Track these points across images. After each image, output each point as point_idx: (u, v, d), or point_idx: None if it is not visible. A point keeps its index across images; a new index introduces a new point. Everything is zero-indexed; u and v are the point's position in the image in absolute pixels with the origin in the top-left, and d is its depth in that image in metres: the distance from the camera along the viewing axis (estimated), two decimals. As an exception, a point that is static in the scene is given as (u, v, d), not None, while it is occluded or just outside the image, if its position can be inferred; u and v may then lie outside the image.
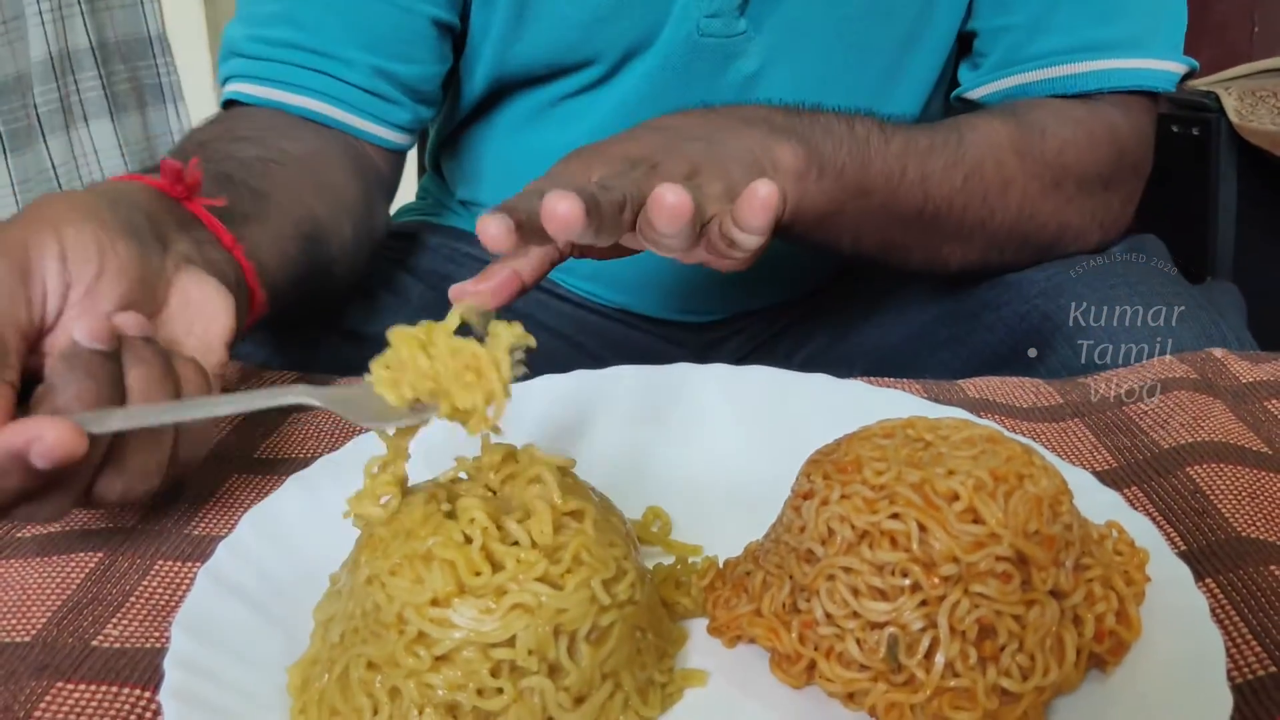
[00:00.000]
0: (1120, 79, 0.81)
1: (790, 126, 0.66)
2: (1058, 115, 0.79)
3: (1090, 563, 0.42)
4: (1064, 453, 0.58)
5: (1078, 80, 0.81)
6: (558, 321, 0.95)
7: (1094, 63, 0.80)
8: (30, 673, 0.41)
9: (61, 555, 0.49)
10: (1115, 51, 0.81)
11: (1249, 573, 0.46)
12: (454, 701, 0.37)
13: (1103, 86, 0.81)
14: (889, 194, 0.71)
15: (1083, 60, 0.81)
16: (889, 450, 0.43)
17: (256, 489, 0.56)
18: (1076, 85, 0.81)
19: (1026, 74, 0.82)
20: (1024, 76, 0.82)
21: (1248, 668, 0.41)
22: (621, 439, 0.58)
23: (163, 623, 0.45)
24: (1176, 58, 0.82)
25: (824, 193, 0.67)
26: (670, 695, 0.42)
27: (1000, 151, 0.76)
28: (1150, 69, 0.81)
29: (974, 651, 0.39)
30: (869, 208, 0.70)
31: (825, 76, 0.83)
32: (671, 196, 0.52)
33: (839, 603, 0.40)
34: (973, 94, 0.85)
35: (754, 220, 0.55)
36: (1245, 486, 0.53)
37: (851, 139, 0.68)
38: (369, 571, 0.40)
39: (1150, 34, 0.82)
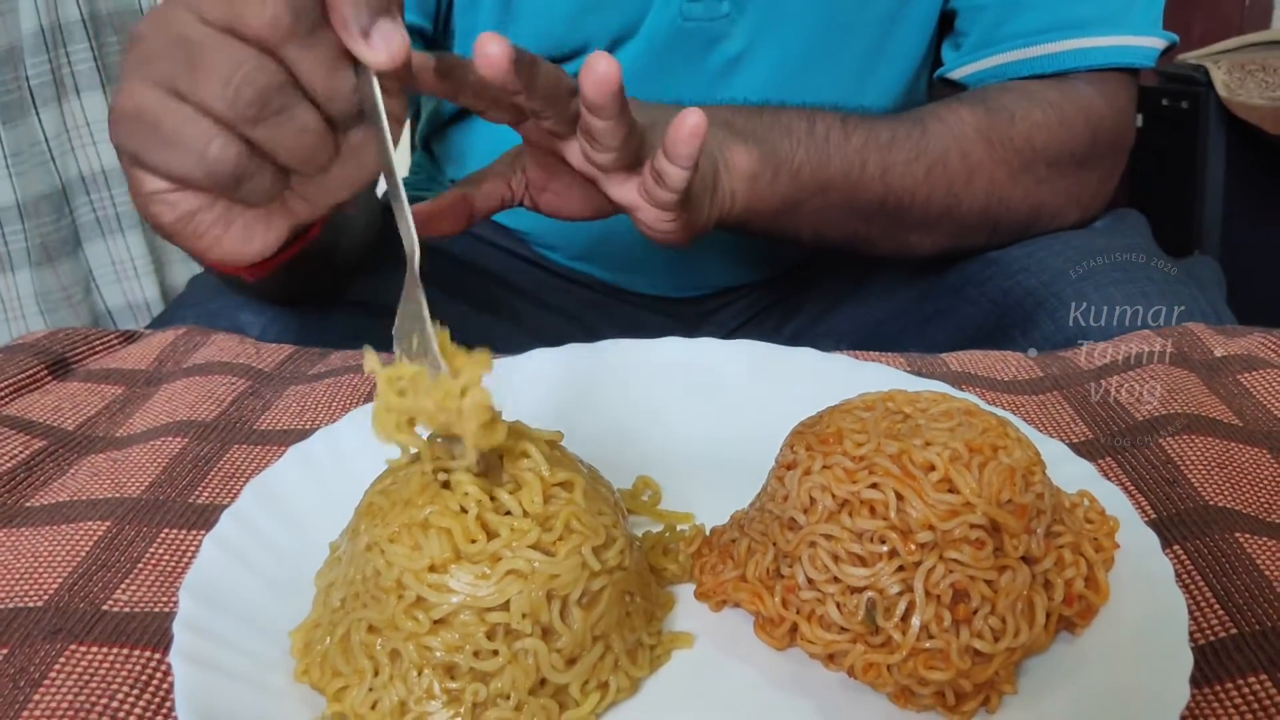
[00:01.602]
0: (1099, 57, 0.81)
1: (749, 129, 0.69)
2: (1028, 98, 0.80)
3: (1061, 530, 0.44)
4: (1042, 424, 0.60)
5: (1056, 59, 0.82)
6: (551, 296, 0.96)
7: (1072, 41, 0.81)
8: (44, 636, 0.43)
9: (70, 524, 0.51)
10: (1092, 29, 0.81)
11: (1215, 540, 0.48)
12: (451, 663, 0.39)
13: (1081, 65, 0.82)
14: (849, 189, 0.73)
15: (1060, 39, 0.81)
16: (869, 423, 0.45)
17: (258, 459, 0.57)
18: (1055, 64, 0.82)
19: (1005, 54, 0.83)
20: (1003, 56, 0.83)
21: (1210, 630, 0.43)
22: (612, 411, 0.59)
23: (170, 588, 0.47)
24: (1155, 32, 0.83)
25: (778, 193, 0.70)
26: (659, 657, 0.43)
27: (965, 141, 0.77)
28: (1128, 45, 0.82)
29: (948, 614, 0.40)
30: (829, 203, 0.73)
31: (809, 57, 0.84)
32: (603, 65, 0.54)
33: (820, 568, 0.42)
34: (954, 74, 0.86)
35: (681, 148, 0.56)
36: (1215, 457, 0.55)
37: (810, 138, 0.71)
38: (368, 539, 0.41)
39: (1127, 9, 0.82)
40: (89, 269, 1.91)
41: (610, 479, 0.47)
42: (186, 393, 0.65)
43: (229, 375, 0.67)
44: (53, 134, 1.83)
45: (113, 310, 1.92)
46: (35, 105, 1.81)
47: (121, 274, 1.92)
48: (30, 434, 0.59)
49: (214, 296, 0.83)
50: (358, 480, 0.46)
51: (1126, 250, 0.80)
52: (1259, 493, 0.52)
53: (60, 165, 1.84)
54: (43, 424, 0.61)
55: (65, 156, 1.85)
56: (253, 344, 0.73)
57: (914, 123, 0.76)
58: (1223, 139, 2.02)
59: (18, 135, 1.78)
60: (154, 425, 0.61)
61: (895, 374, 0.60)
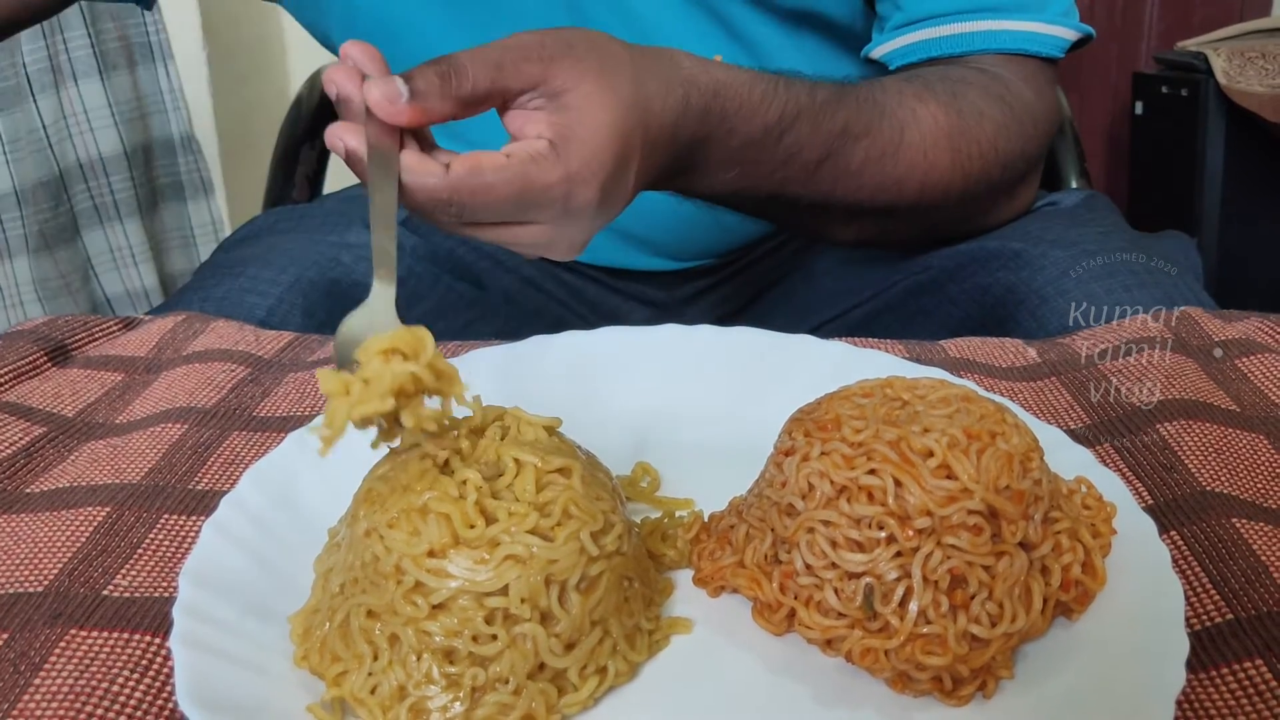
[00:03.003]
0: (1008, 40, 0.81)
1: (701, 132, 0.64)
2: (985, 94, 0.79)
3: (1059, 516, 0.44)
4: (1040, 411, 0.60)
5: (965, 40, 0.81)
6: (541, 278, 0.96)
7: (983, 23, 0.80)
8: (44, 620, 0.43)
9: (69, 510, 0.51)
10: (1005, 13, 0.81)
11: (1212, 525, 0.48)
12: (450, 647, 0.39)
13: (990, 47, 0.81)
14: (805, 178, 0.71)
15: (971, 20, 0.81)
16: (867, 409, 0.45)
17: (257, 446, 0.57)
18: (964, 45, 0.81)
19: (917, 32, 0.82)
20: (915, 35, 0.82)
21: (1206, 615, 0.43)
22: (611, 398, 0.60)
23: (170, 573, 0.47)
24: (1067, 23, 0.83)
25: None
26: (657, 642, 0.44)
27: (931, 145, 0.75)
28: (1039, 33, 0.81)
29: (945, 600, 0.41)
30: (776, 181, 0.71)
31: None
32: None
33: (818, 554, 0.42)
34: (874, 54, 0.86)
35: None
36: (1212, 443, 0.55)
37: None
38: (367, 524, 0.41)
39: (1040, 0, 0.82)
40: (87, 256, 1.91)
41: (609, 466, 0.47)
42: (186, 379, 0.65)
43: (229, 362, 0.67)
44: (50, 121, 1.83)
45: (111, 298, 1.93)
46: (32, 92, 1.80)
47: (120, 261, 1.93)
48: (30, 420, 0.59)
49: (221, 280, 0.84)
50: (357, 466, 0.46)
51: (1103, 238, 0.79)
52: (1256, 478, 0.52)
53: (58, 152, 1.84)
54: (42, 410, 0.61)
55: (63, 143, 1.85)
56: (252, 331, 0.73)
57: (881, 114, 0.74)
58: (1222, 126, 2.02)
59: (15, 122, 1.78)
60: (154, 412, 0.61)
61: (894, 360, 0.60)
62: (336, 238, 0.88)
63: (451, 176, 0.50)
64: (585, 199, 0.54)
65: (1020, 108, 0.80)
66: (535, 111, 0.53)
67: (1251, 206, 2.05)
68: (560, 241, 0.56)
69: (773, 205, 0.74)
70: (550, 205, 0.53)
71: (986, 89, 0.79)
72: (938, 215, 0.81)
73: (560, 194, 0.53)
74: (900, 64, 0.84)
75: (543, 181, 0.52)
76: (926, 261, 0.86)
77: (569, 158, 0.52)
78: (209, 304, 0.79)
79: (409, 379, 0.40)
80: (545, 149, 0.52)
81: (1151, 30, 2.30)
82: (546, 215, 0.53)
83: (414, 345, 0.41)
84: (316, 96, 1.23)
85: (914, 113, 0.75)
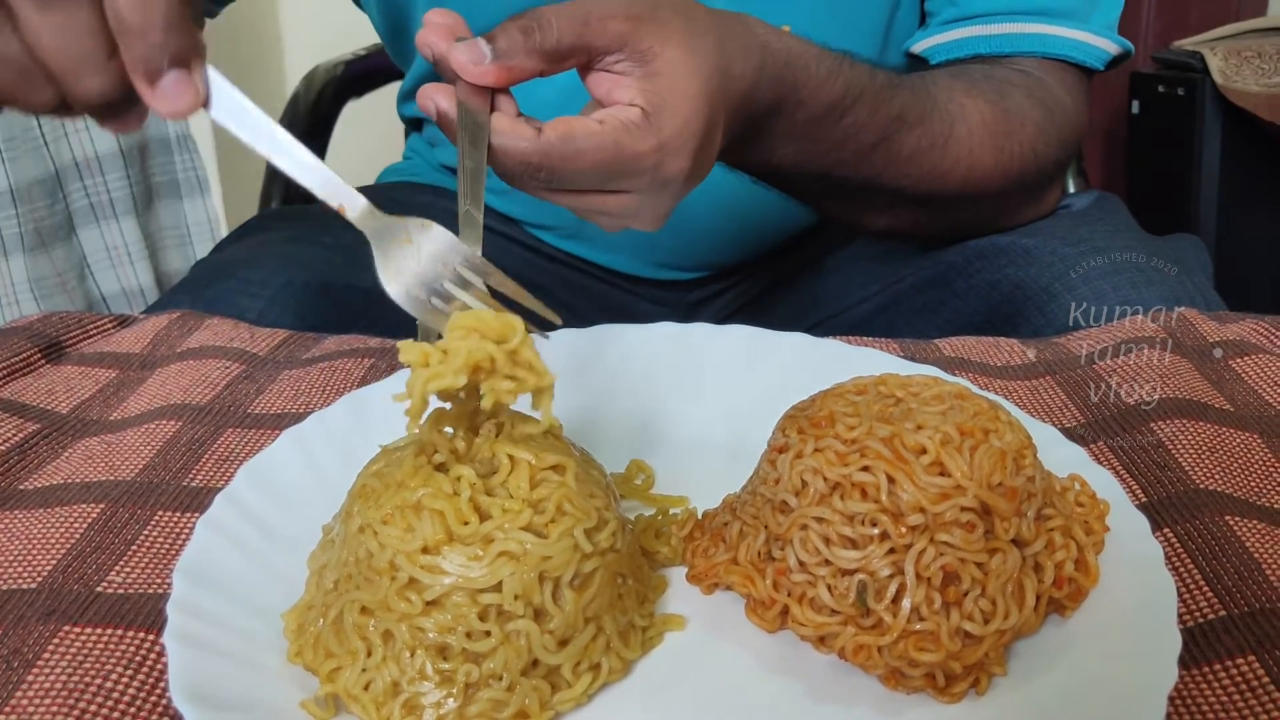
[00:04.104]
0: (1056, 46, 0.82)
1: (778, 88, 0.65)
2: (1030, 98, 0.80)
3: (1052, 513, 0.44)
4: (1035, 409, 0.60)
5: (1015, 40, 0.82)
6: (540, 279, 0.96)
7: (1034, 25, 0.81)
8: (38, 617, 0.43)
9: (64, 507, 0.51)
10: (1055, 19, 0.82)
11: (1205, 523, 0.48)
12: (444, 644, 0.39)
13: (1038, 50, 0.82)
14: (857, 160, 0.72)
15: (1023, 21, 0.81)
16: (861, 406, 0.45)
17: (251, 443, 0.57)
18: (1013, 45, 0.82)
19: (966, 29, 0.83)
20: (963, 31, 0.83)
21: (1199, 612, 0.43)
22: (606, 396, 0.60)
23: (164, 570, 0.47)
24: (1111, 36, 0.84)
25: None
26: (650, 638, 0.44)
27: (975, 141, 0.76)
28: (1086, 42, 0.82)
29: (938, 597, 0.41)
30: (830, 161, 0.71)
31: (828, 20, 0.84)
32: None
33: (811, 551, 0.42)
34: (916, 48, 0.86)
35: None
36: (1206, 441, 0.55)
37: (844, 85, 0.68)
38: (361, 521, 0.41)
39: (1090, 8, 0.83)
40: (83, 255, 1.90)
41: (604, 463, 0.47)
42: (181, 376, 0.65)
43: (223, 359, 0.67)
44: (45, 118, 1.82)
45: (107, 296, 1.92)
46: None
47: (116, 260, 1.92)
48: (24, 417, 0.59)
49: (213, 282, 0.83)
50: (351, 463, 0.46)
51: (1110, 236, 0.80)
52: (1249, 477, 0.52)
53: (54, 150, 1.83)
54: (36, 407, 0.61)
55: (59, 141, 1.84)
56: (247, 328, 0.73)
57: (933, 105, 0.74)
58: (1218, 125, 2.02)
59: (10, 120, 1.77)
60: (148, 409, 0.61)
61: (888, 359, 0.60)
62: (331, 239, 0.87)
63: (543, 141, 0.50)
64: (677, 168, 0.54)
65: (1060, 114, 0.81)
66: (623, 76, 0.53)
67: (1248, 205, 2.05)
68: (646, 211, 0.56)
69: (820, 185, 0.74)
70: (641, 175, 0.53)
71: (1030, 92, 0.80)
72: (973, 211, 0.81)
73: (652, 164, 0.52)
74: (943, 59, 0.84)
75: (635, 150, 0.52)
76: (935, 256, 0.86)
77: (661, 127, 0.52)
78: (199, 304, 0.79)
79: (486, 358, 0.41)
80: (638, 117, 0.52)
81: (1148, 29, 2.30)
82: (637, 184, 0.53)
83: (501, 330, 0.41)
84: (313, 95, 1.23)
85: (963, 108, 0.76)
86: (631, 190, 0.54)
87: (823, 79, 0.65)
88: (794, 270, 0.99)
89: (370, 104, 1.30)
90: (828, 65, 0.66)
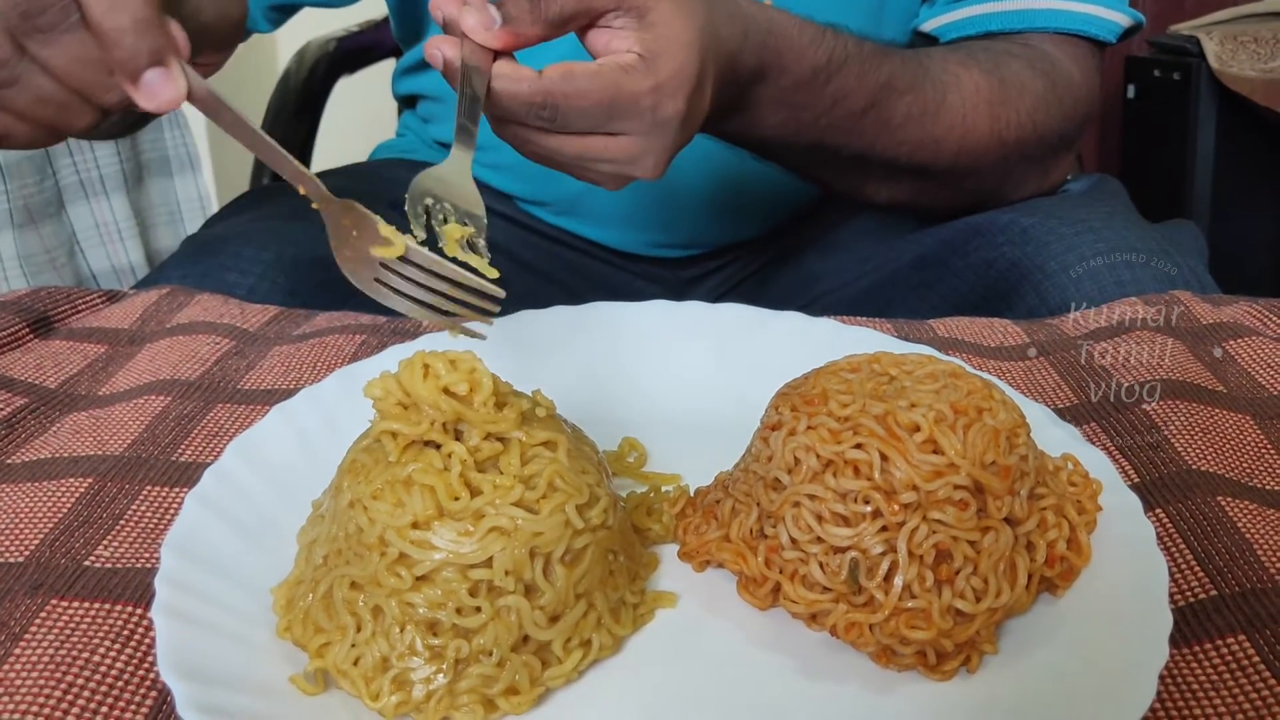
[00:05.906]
0: (1067, 20, 0.82)
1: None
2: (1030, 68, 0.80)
3: (1044, 492, 0.44)
4: (1028, 389, 0.60)
5: (1026, 16, 0.82)
6: (534, 257, 0.96)
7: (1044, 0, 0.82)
8: (25, 591, 0.43)
9: (51, 481, 0.50)
10: None
11: (1197, 503, 0.48)
12: (434, 619, 0.39)
13: (1049, 25, 0.82)
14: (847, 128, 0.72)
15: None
16: (854, 384, 0.45)
17: (241, 419, 0.57)
18: (1025, 21, 0.82)
19: (976, 6, 0.83)
20: (973, 9, 0.83)
21: (1190, 591, 0.43)
22: (599, 373, 0.59)
23: (152, 544, 0.46)
24: (1122, 9, 0.84)
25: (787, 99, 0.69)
26: (642, 615, 0.43)
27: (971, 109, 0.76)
28: (1097, 16, 0.83)
29: (931, 574, 0.41)
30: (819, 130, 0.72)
31: None
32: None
33: (803, 528, 0.42)
34: (926, 26, 0.86)
35: None
36: (1199, 422, 0.55)
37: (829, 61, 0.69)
38: (351, 496, 0.41)
39: None
40: (72, 231, 1.89)
41: (596, 440, 0.47)
42: (170, 352, 0.64)
43: (213, 335, 0.67)
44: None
45: (97, 273, 1.91)
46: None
47: (106, 237, 1.91)
48: (12, 391, 0.59)
49: (203, 257, 0.83)
50: (341, 439, 0.45)
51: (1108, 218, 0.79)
52: (1241, 458, 0.52)
53: (43, 125, 1.82)
54: (24, 382, 0.61)
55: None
56: (237, 304, 0.72)
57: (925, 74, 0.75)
58: (1214, 110, 2.02)
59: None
60: (137, 384, 0.61)
61: (881, 338, 0.60)
62: None
63: (544, 80, 0.53)
64: (674, 109, 0.56)
65: (1063, 85, 0.81)
66: (620, 30, 0.56)
67: (1242, 190, 2.05)
68: (647, 156, 0.58)
69: (815, 156, 0.75)
70: (640, 115, 0.55)
71: (1031, 63, 0.80)
72: (972, 181, 0.82)
73: (650, 104, 0.55)
74: (953, 37, 0.84)
75: (633, 89, 0.54)
76: (931, 233, 0.86)
77: (658, 69, 0.55)
78: (190, 280, 0.78)
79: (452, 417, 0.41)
80: (635, 60, 0.55)
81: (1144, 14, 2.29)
82: (636, 126, 0.56)
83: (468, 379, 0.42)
84: (304, 71, 1.22)
85: (956, 77, 0.76)
86: (630, 133, 0.56)
87: (805, 45, 0.68)
88: (788, 249, 0.99)
89: (362, 80, 1.29)
90: (810, 33, 0.68)
